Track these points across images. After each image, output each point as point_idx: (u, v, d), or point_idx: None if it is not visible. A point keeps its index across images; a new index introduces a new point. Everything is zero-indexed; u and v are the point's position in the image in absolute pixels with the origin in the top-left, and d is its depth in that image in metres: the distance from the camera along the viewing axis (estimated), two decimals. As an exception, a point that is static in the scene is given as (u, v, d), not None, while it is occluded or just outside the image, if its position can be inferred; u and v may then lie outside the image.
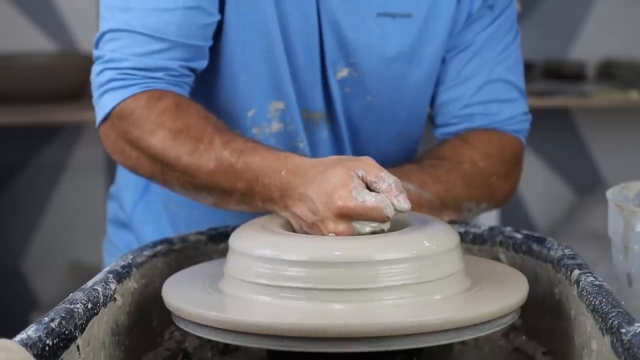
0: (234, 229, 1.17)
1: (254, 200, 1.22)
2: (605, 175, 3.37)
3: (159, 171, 1.30)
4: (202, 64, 1.37)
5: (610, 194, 1.24)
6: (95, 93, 1.34)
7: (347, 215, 1.11)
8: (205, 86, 1.41)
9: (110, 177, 3.13)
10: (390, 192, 1.12)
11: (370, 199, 1.10)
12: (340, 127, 1.45)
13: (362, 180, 1.13)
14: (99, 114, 1.34)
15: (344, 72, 1.42)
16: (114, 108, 1.32)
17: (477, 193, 1.40)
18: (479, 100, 1.45)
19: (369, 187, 1.12)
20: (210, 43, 1.37)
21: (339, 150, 1.46)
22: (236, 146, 1.24)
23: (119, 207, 1.58)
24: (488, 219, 2.87)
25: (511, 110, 1.47)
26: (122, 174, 1.58)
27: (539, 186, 3.36)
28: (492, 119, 1.46)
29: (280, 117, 1.41)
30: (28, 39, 3.18)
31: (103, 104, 1.33)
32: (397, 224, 1.14)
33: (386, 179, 1.12)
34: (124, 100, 1.31)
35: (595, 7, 3.32)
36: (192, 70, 1.36)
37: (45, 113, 2.93)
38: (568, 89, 3.15)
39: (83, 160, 3.25)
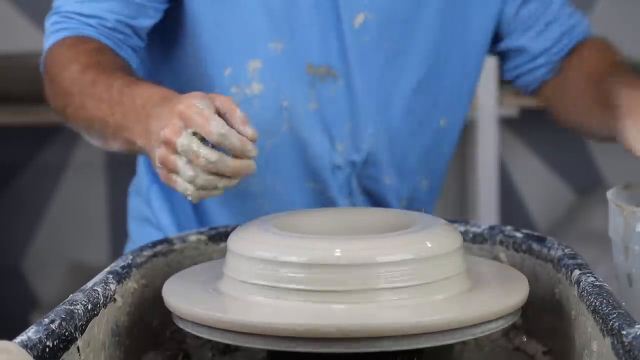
0: (233, 228, 1.17)
1: (123, 134, 1.22)
2: (605, 175, 3.37)
3: (67, 106, 1.32)
4: (144, 22, 1.38)
5: (610, 194, 1.24)
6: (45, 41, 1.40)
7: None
8: (178, 49, 1.42)
9: (111, 177, 3.13)
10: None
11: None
12: (353, 84, 1.41)
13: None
14: (42, 59, 1.39)
15: (360, 18, 1.39)
16: (48, 49, 1.37)
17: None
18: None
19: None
20: (155, 4, 1.38)
21: (351, 111, 1.42)
22: (127, 81, 1.24)
23: (137, 194, 1.57)
24: (488, 219, 2.87)
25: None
26: (139, 161, 1.58)
27: (539, 186, 3.35)
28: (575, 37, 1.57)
29: (260, 77, 1.39)
30: (28, 39, 3.17)
31: (44, 48, 1.38)
32: (400, 224, 1.14)
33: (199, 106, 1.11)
34: (56, 42, 1.36)
35: (595, 7, 3.32)
36: (131, 27, 1.38)
37: (45, 113, 2.91)
38: (568, 88, 3.14)
39: (83, 160, 3.24)
